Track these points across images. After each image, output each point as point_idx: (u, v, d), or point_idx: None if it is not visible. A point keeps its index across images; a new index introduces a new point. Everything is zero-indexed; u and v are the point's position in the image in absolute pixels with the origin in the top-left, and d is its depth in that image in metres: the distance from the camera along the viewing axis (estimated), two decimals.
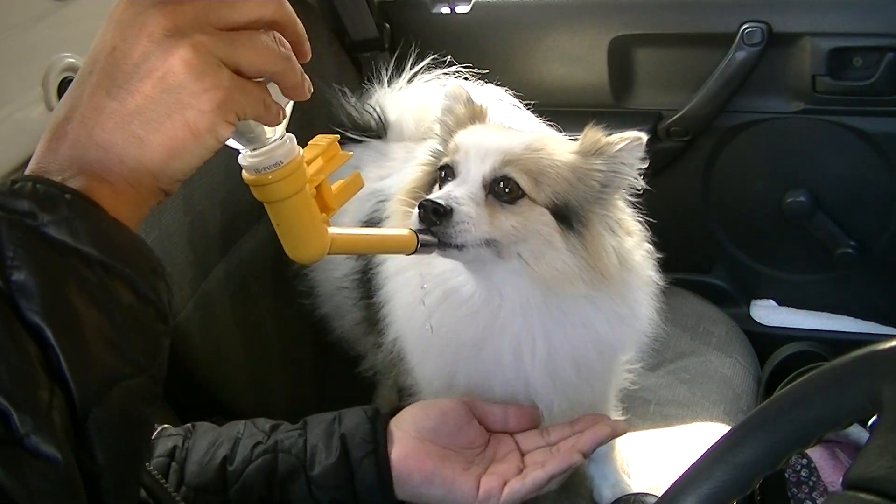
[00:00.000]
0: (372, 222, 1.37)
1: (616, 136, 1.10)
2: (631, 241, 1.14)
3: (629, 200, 1.16)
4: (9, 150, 1.29)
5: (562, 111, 1.45)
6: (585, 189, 1.08)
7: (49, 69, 1.33)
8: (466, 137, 1.14)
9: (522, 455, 1.06)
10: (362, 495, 0.97)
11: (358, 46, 2.02)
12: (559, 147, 1.12)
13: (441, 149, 1.21)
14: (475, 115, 1.22)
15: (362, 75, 2.01)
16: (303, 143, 0.75)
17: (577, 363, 1.13)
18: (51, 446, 0.52)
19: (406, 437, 1.01)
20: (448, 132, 1.21)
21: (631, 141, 1.09)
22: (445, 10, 2.04)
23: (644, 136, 1.10)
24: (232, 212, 1.54)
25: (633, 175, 1.10)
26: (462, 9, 2.02)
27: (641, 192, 1.13)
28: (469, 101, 1.23)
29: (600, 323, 1.11)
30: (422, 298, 1.12)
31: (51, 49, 1.35)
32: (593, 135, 1.12)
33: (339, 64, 1.95)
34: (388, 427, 1.02)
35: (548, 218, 1.06)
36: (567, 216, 1.07)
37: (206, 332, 1.45)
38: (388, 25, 2.03)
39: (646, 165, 1.11)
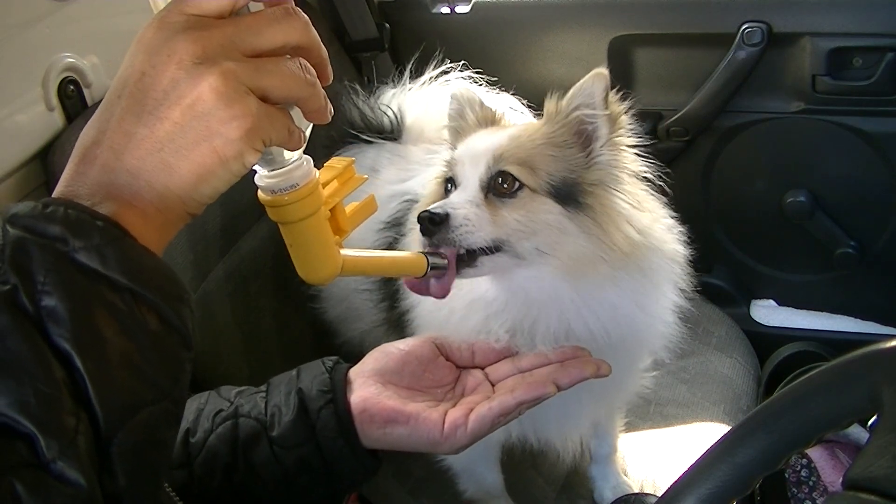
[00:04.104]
0: (396, 223, 1.37)
1: (572, 87, 1.08)
2: (648, 216, 1.12)
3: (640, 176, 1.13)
4: (9, 150, 1.29)
5: None
6: (570, 154, 1.07)
7: (49, 69, 1.33)
8: (462, 147, 1.15)
9: (493, 386, 1.01)
10: (327, 450, 0.92)
11: (358, 46, 2.02)
12: (531, 127, 1.12)
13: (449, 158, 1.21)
14: (487, 119, 1.21)
15: (362, 75, 2.01)
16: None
17: (613, 352, 1.07)
18: (75, 471, 0.53)
19: (366, 383, 0.96)
20: (459, 139, 1.21)
21: (584, 82, 1.07)
22: (445, 10, 2.04)
23: (604, 70, 1.06)
24: (232, 212, 1.55)
25: (601, 113, 1.06)
26: (462, 9, 2.02)
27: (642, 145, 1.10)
28: (482, 106, 1.22)
29: (627, 306, 1.09)
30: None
31: (51, 49, 1.35)
32: (550, 102, 1.11)
33: (340, 64, 1.95)
34: (347, 375, 0.97)
35: (551, 205, 1.06)
36: (570, 194, 1.06)
37: (206, 332, 1.45)
38: (388, 25, 2.03)
39: (615, 91, 1.07)
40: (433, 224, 1.00)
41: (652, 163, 1.12)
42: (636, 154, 1.12)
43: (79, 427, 0.54)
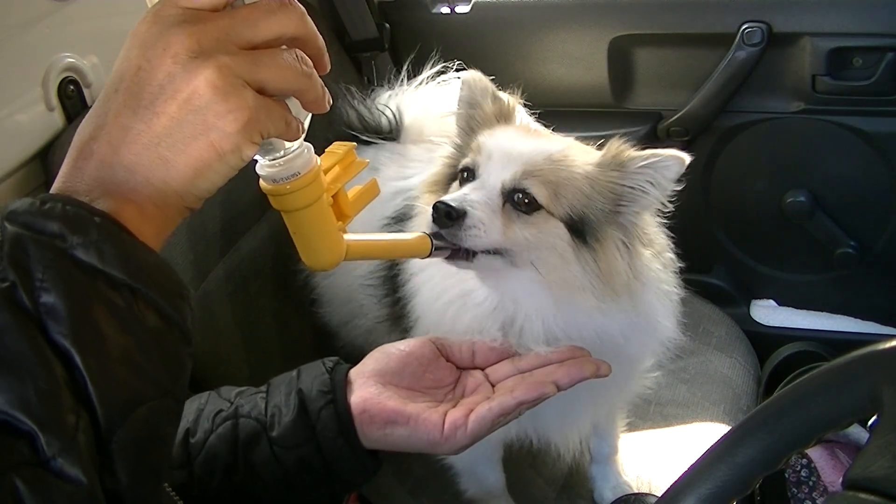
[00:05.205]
0: (400, 219, 1.36)
1: (647, 152, 1.06)
2: (648, 252, 1.11)
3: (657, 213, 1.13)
4: (9, 150, 1.29)
5: (562, 111, 1.45)
6: (602, 202, 1.06)
7: (49, 69, 1.33)
8: (490, 140, 1.12)
9: (493, 386, 1.00)
10: (327, 450, 0.92)
11: (358, 46, 2.02)
12: (580, 158, 1.09)
13: (461, 142, 1.19)
14: (503, 113, 1.19)
15: (362, 75, 2.01)
16: (314, 141, 0.75)
17: (610, 356, 1.05)
18: (76, 468, 0.53)
19: (367, 383, 0.96)
20: (471, 127, 1.18)
21: (663, 158, 1.04)
22: (445, 10, 2.04)
23: (686, 158, 1.04)
24: (232, 212, 1.54)
25: (659, 194, 1.06)
26: (462, 9, 2.02)
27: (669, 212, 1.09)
28: (496, 97, 1.20)
29: (615, 333, 1.09)
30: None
31: (51, 49, 1.35)
32: (616, 147, 1.08)
33: (340, 64, 1.95)
34: (347, 376, 0.97)
35: (562, 231, 1.05)
36: (582, 230, 1.05)
37: (206, 332, 1.45)
38: (388, 25, 2.03)
39: (680, 188, 1.05)
40: (448, 218, 1.00)
41: None
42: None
43: (79, 424, 0.54)
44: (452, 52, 1.64)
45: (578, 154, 1.11)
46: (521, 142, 1.12)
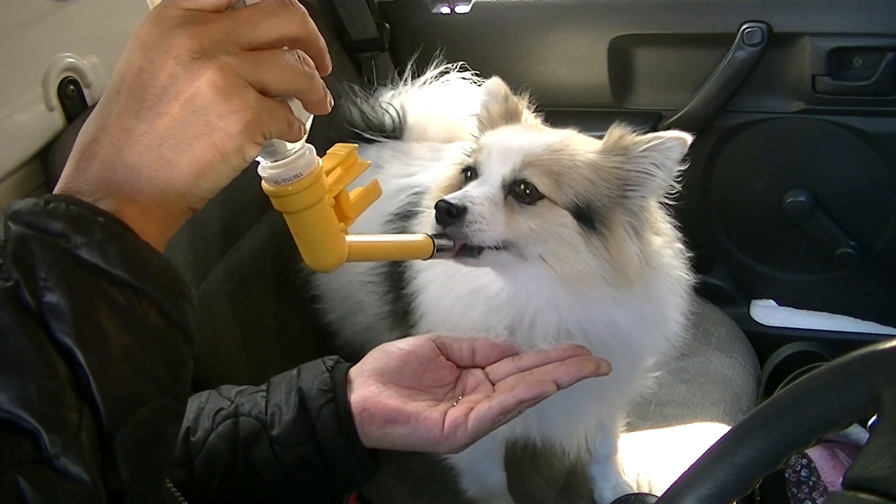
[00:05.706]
0: (404, 215, 1.37)
1: (649, 135, 1.07)
2: (659, 240, 1.12)
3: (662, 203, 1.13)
4: (9, 150, 1.29)
5: (562, 111, 1.45)
6: (608, 188, 1.06)
7: (49, 69, 1.33)
8: (491, 138, 1.14)
9: (494, 385, 1.00)
10: (327, 449, 0.93)
11: (358, 46, 2.02)
12: (581, 146, 1.10)
13: (473, 146, 1.20)
14: (510, 113, 1.20)
15: (362, 75, 2.01)
16: (315, 141, 0.75)
17: (614, 354, 1.05)
18: (79, 467, 0.53)
19: (367, 382, 0.96)
20: (483, 130, 1.20)
21: (665, 140, 1.05)
22: (445, 10, 2.04)
23: (688, 138, 1.05)
24: (232, 212, 1.55)
25: (665, 176, 1.06)
26: (462, 9, 2.02)
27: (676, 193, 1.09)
28: (506, 99, 1.21)
29: (627, 324, 1.10)
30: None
31: (51, 49, 1.35)
32: (617, 133, 1.10)
33: (340, 64, 1.95)
34: (347, 374, 0.97)
35: (568, 220, 1.05)
36: (589, 217, 1.06)
37: (205, 332, 1.45)
38: (388, 25, 2.03)
39: (685, 167, 1.06)
40: (449, 216, 1.01)
41: None
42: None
43: (82, 422, 0.54)
44: (452, 52, 1.64)
45: (579, 143, 1.11)
46: (521, 136, 1.13)
